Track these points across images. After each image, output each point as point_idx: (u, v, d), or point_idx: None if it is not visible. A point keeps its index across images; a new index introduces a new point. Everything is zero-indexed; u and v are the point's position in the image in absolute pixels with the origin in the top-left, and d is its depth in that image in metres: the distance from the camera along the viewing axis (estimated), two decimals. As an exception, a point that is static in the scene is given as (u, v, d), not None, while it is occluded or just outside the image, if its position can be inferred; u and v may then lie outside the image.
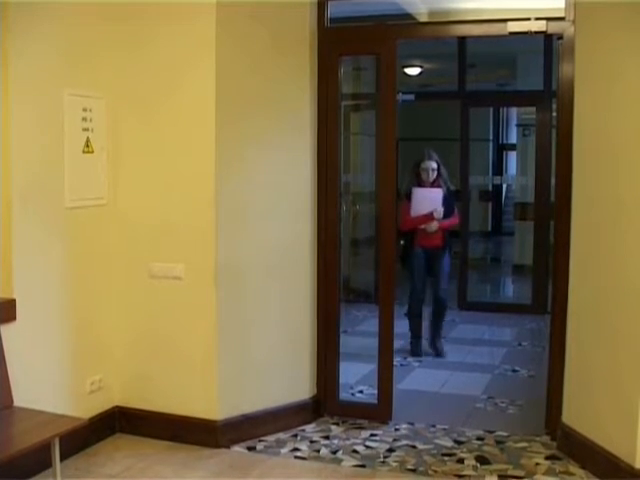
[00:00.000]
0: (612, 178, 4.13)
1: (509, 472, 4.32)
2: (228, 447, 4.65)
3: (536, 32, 4.64)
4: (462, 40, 8.71)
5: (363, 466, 4.43)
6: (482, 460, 4.48)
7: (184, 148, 4.58)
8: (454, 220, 6.97)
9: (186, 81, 4.54)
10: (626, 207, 3.99)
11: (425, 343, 7.05)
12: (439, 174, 6.73)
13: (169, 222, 4.63)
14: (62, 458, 3.66)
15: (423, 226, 6.70)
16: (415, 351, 6.96)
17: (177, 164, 4.60)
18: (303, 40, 4.88)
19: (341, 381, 5.26)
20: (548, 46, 8.42)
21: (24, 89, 4.01)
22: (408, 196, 6.75)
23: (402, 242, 6.85)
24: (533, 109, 9.39)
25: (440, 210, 6.64)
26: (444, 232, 6.82)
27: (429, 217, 6.67)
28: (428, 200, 6.64)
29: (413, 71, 11.76)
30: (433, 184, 6.72)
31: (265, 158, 4.76)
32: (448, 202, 6.75)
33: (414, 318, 7.02)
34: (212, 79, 4.46)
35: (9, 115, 3.93)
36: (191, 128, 4.55)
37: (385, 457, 4.55)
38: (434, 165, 6.70)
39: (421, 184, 6.73)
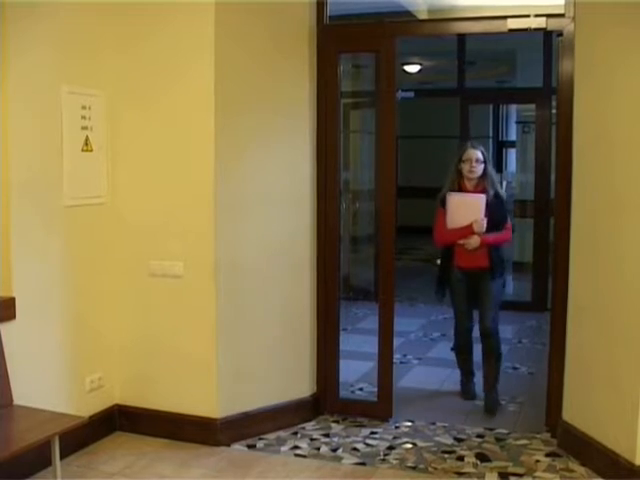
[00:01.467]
0: (612, 175, 4.12)
1: (509, 469, 4.32)
2: (228, 445, 4.65)
3: (536, 29, 4.64)
4: (461, 37, 8.71)
5: (363, 464, 4.43)
6: (482, 457, 4.49)
7: (183, 146, 4.57)
8: (505, 235, 5.40)
9: (185, 79, 4.53)
10: (625, 204, 3.99)
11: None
12: (485, 174, 5.33)
13: (168, 220, 4.63)
14: (62, 456, 3.67)
15: (462, 241, 5.29)
16: (466, 392, 5.68)
17: (176, 162, 4.60)
18: (302, 37, 4.87)
19: (341, 379, 5.25)
20: (548, 43, 8.40)
21: (23, 87, 4.02)
22: (444, 202, 5.36)
23: (438, 261, 5.56)
24: (533, 106, 9.36)
25: (482, 221, 5.20)
26: (491, 250, 5.32)
27: (468, 230, 5.26)
28: (467, 208, 5.28)
29: (412, 68, 11.74)
30: (477, 187, 5.33)
31: (264, 155, 4.76)
32: (496, 211, 5.31)
33: (461, 354, 5.76)
34: (211, 76, 4.45)
35: (8, 113, 3.92)
36: (190, 126, 4.55)
37: (385, 455, 4.55)
38: (479, 155, 5.29)
39: (462, 186, 5.36)
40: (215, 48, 4.44)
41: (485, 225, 5.20)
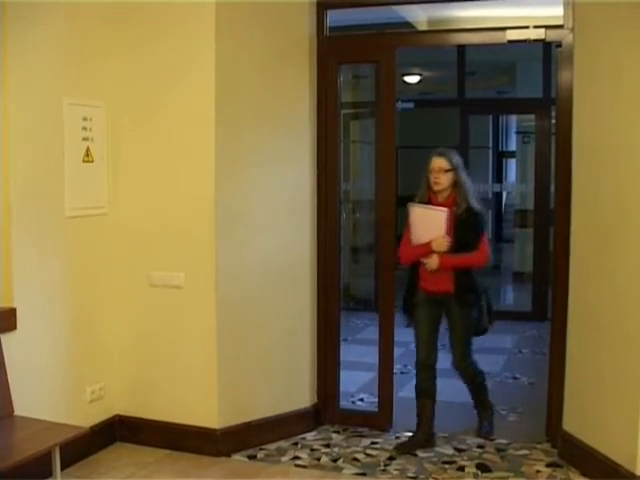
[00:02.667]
0: (612, 184, 4.13)
1: (510, 480, 4.33)
2: (229, 455, 4.65)
3: (535, 40, 4.66)
4: (461, 48, 8.73)
5: (364, 474, 4.43)
6: (483, 468, 4.48)
7: (184, 157, 4.59)
8: (473, 258, 4.67)
9: (186, 89, 4.55)
10: (626, 213, 3.99)
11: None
12: (457, 185, 4.68)
13: (169, 231, 4.64)
14: (63, 467, 3.68)
15: (426, 261, 4.71)
16: (407, 442, 4.83)
17: (177, 173, 4.61)
18: (303, 48, 4.90)
19: (341, 389, 5.26)
20: (547, 54, 8.44)
21: (24, 98, 4.03)
22: None
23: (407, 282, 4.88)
24: (532, 116, 9.41)
25: (442, 239, 4.57)
26: (458, 273, 4.65)
27: (428, 248, 4.62)
28: (428, 223, 4.64)
29: (412, 79, 11.77)
30: (448, 200, 4.68)
31: (265, 165, 4.77)
32: (466, 229, 4.63)
33: (419, 397, 4.92)
34: (212, 87, 4.47)
35: (9, 124, 3.94)
36: (191, 136, 4.56)
37: (386, 465, 4.55)
38: (443, 164, 4.63)
39: (431, 199, 4.71)
40: (216, 59, 4.46)
41: (447, 244, 4.57)
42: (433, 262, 4.61)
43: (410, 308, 4.86)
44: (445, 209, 4.58)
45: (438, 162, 4.64)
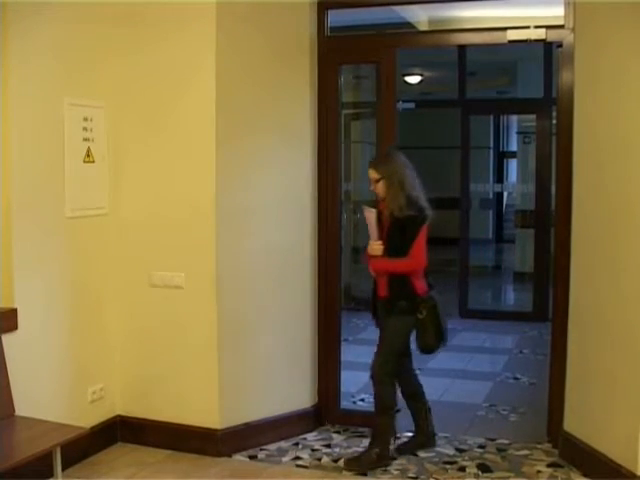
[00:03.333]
0: (616, 184, 4.11)
1: (511, 480, 4.32)
2: (230, 456, 4.65)
3: (535, 40, 4.66)
4: (462, 48, 8.73)
5: (365, 474, 4.43)
6: (484, 468, 4.48)
7: (185, 157, 4.58)
8: (402, 264, 4.40)
9: (186, 90, 4.55)
10: (631, 213, 3.97)
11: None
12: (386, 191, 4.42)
13: (170, 231, 4.64)
14: (64, 467, 3.68)
15: None
16: (408, 443, 4.81)
17: (177, 173, 4.61)
18: (303, 49, 4.89)
19: (342, 389, 5.25)
20: (548, 54, 8.44)
21: (24, 98, 4.03)
22: None
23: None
24: (533, 117, 9.40)
25: (375, 243, 4.46)
26: (391, 279, 4.46)
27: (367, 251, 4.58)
28: (370, 226, 4.52)
29: (413, 79, 11.79)
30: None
31: (265, 166, 4.77)
32: (393, 235, 4.42)
33: (407, 401, 4.83)
34: (212, 87, 4.47)
35: (9, 125, 3.93)
36: (192, 137, 4.56)
37: (386, 465, 4.54)
38: (373, 174, 4.46)
39: (380, 203, 4.54)
40: (216, 60, 4.46)
41: (380, 248, 4.44)
42: (370, 265, 4.56)
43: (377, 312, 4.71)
44: (373, 210, 4.48)
45: (370, 173, 4.50)
